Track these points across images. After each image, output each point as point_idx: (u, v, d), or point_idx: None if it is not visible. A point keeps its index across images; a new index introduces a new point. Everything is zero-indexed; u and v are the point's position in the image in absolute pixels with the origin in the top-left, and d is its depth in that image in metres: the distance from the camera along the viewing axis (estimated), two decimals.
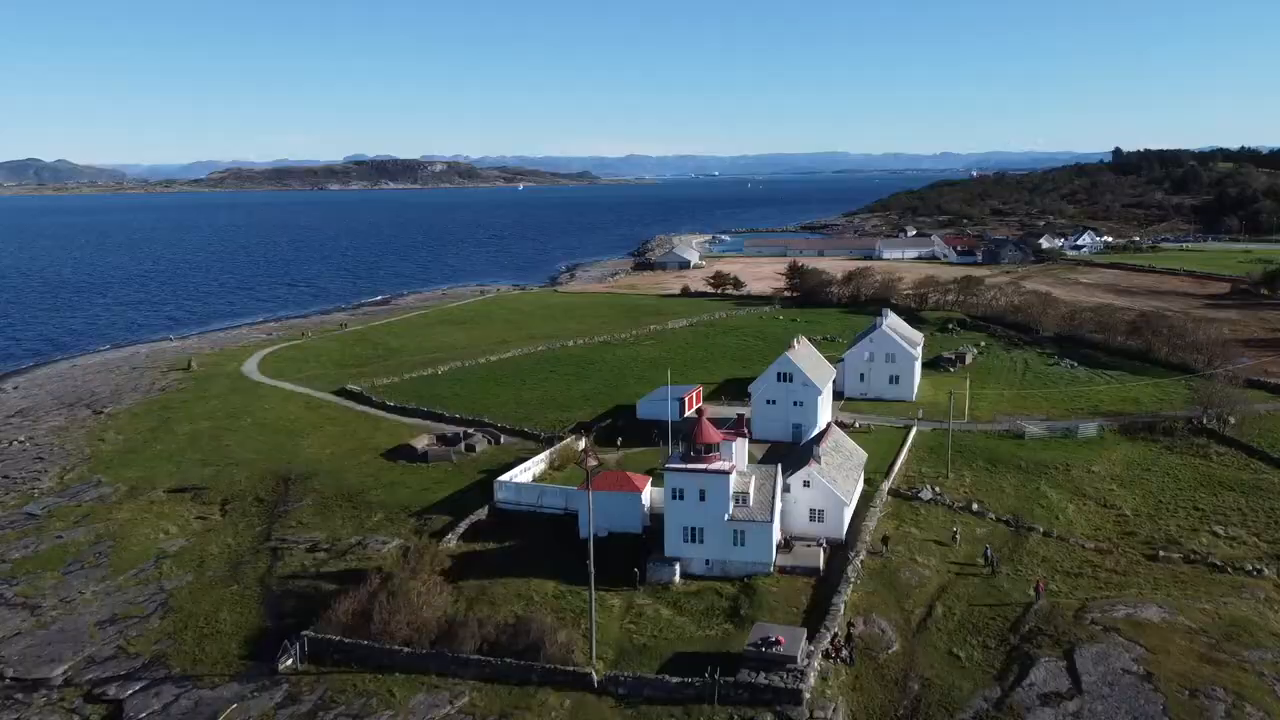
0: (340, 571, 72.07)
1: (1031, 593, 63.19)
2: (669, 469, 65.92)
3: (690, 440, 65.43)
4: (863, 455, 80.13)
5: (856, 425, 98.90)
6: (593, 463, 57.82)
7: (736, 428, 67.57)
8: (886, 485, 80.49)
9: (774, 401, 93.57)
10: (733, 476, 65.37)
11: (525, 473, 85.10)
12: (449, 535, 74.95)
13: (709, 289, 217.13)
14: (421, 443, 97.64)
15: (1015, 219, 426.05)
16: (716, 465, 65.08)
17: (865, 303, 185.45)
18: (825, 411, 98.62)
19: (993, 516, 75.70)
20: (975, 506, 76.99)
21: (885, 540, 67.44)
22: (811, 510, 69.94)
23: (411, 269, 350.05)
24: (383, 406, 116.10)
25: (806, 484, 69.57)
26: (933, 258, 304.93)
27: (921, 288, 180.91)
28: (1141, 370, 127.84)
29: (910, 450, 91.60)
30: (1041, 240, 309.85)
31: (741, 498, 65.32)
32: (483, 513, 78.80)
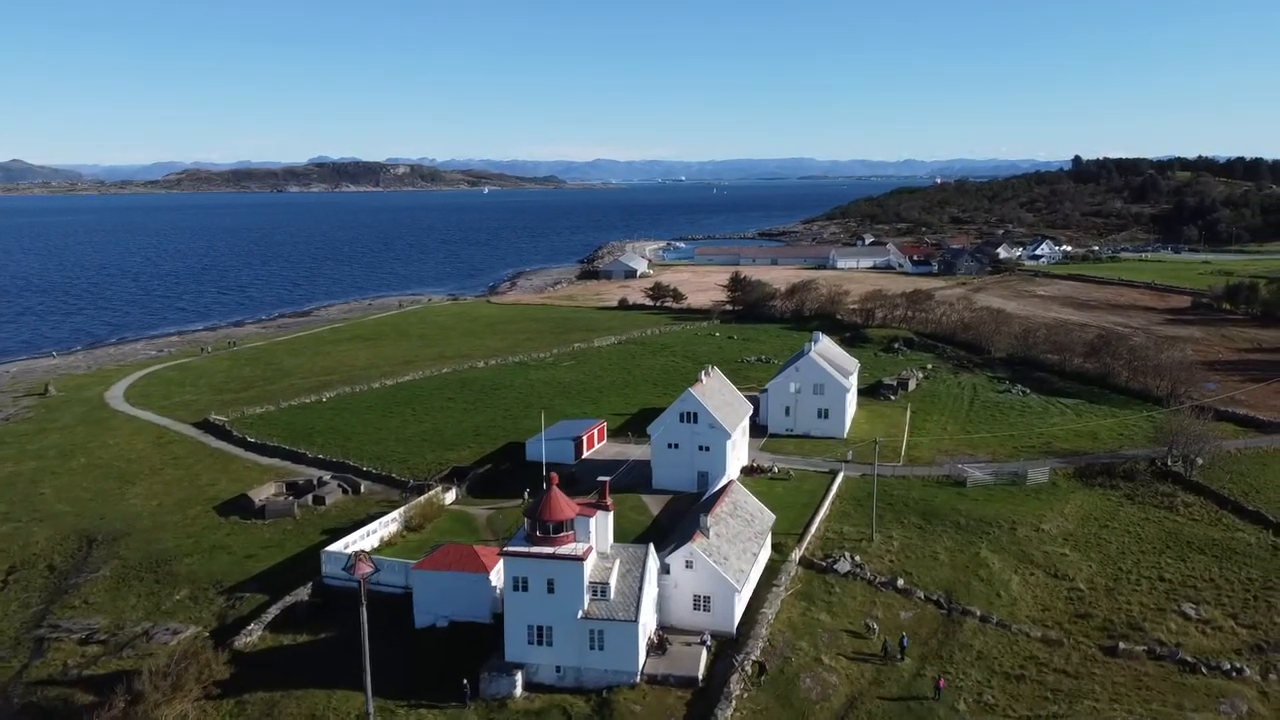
0: (108, 674, 57.10)
1: (939, 696, 50.72)
2: (508, 553, 51.97)
3: (536, 516, 51.56)
4: (769, 518, 66.75)
5: (774, 470, 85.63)
6: (367, 569, 43.71)
7: (599, 498, 53.78)
8: (798, 553, 67.18)
9: (676, 445, 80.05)
10: (589, 562, 51.62)
11: (372, 536, 70.78)
12: (253, 625, 60.31)
13: (648, 301, 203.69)
14: (263, 494, 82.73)
15: (974, 227, 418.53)
16: (569, 548, 51.30)
17: (809, 318, 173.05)
18: (739, 454, 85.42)
19: (921, 595, 62.69)
20: (901, 582, 63.90)
21: (761, 669, 52.58)
22: (695, 597, 56.41)
23: (351, 275, 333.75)
24: (243, 444, 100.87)
25: (689, 565, 56.03)
26: (888, 268, 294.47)
27: (868, 302, 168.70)
28: (1100, 398, 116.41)
29: (833, 503, 78.48)
30: (999, 250, 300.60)
31: (600, 589, 51.57)
32: (305, 591, 64.29)
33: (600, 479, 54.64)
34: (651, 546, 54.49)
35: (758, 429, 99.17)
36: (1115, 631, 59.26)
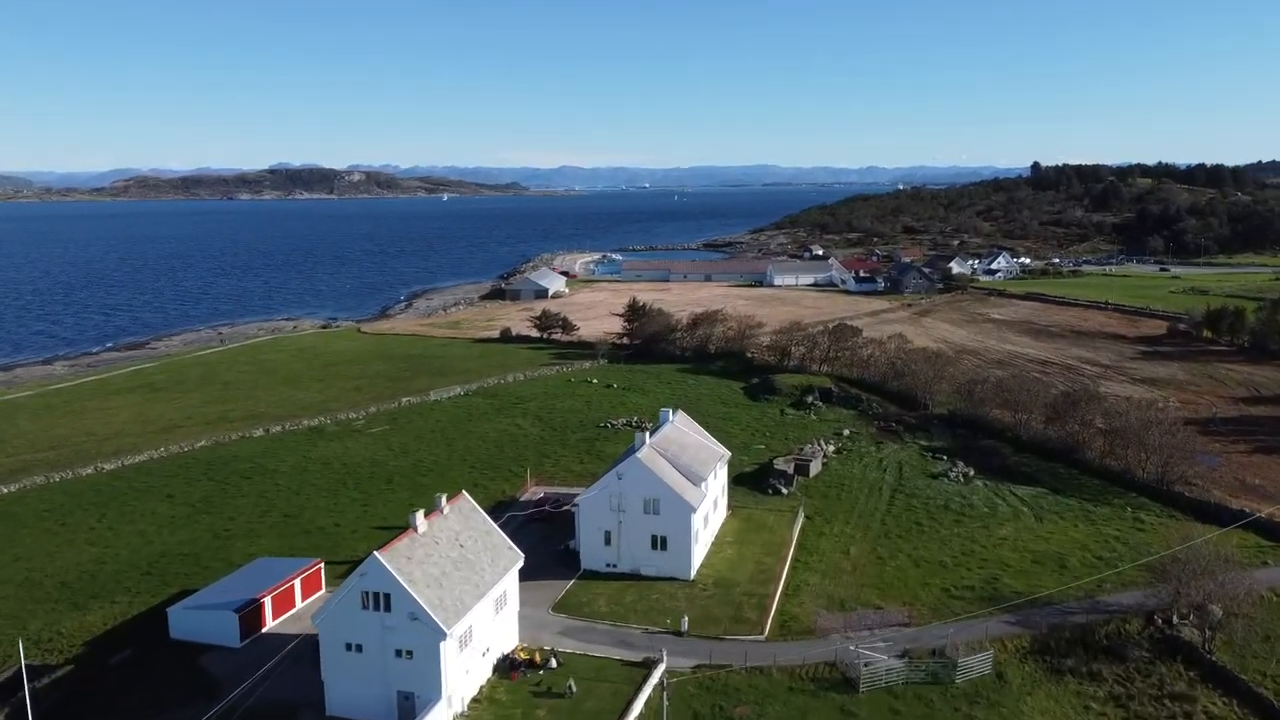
0: None
1: None
2: None
3: None
4: None
5: (552, 663, 52.77)
6: None
7: None
8: None
9: (360, 648, 47.05)
10: None
11: None
12: None
13: (534, 332, 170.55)
14: None
15: (928, 237, 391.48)
16: None
17: (714, 356, 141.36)
18: (495, 637, 52.48)
19: None
20: None
21: None
22: None
23: (244, 292, 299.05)
24: None
25: None
26: (830, 284, 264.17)
27: (784, 337, 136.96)
28: (1066, 483, 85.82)
29: None
30: (952, 264, 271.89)
31: None
32: None
33: None
34: None
35: (571, 561, 66.84)
36: None
